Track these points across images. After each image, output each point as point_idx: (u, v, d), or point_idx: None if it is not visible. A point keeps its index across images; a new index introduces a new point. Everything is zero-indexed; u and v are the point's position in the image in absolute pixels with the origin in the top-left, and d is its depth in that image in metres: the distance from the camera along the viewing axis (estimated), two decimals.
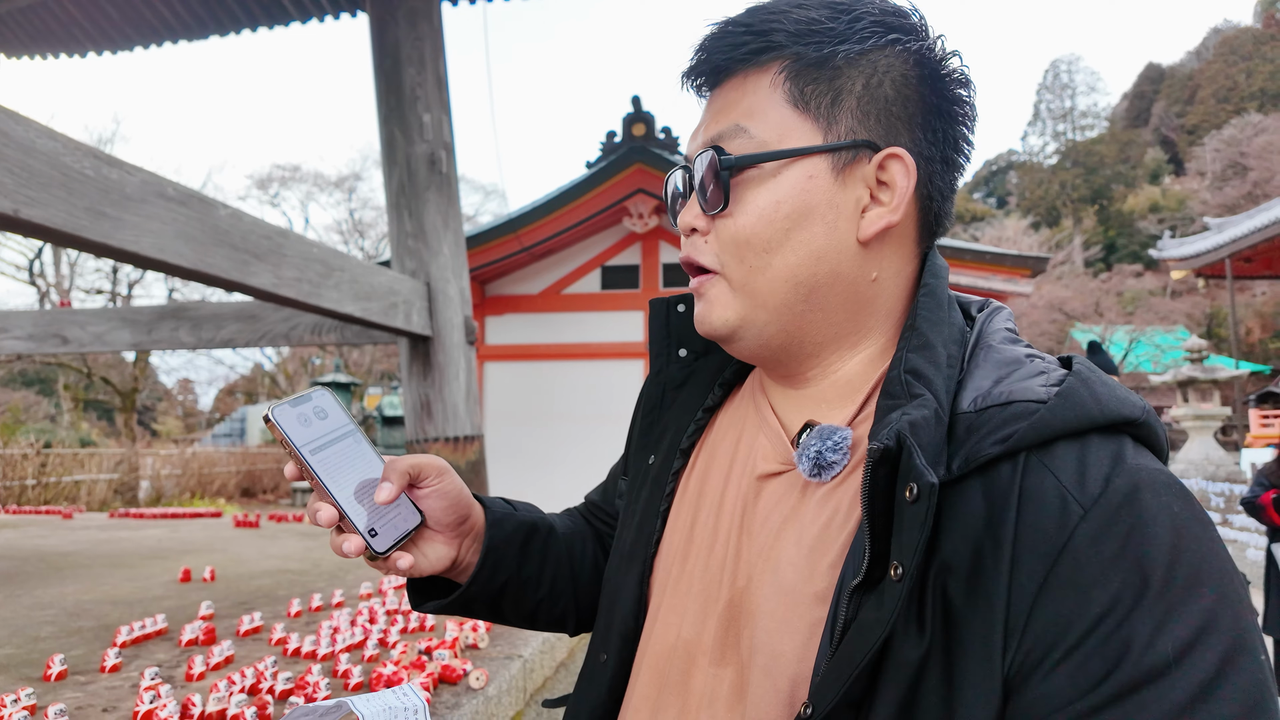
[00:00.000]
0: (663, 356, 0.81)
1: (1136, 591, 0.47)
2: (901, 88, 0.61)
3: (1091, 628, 0.47)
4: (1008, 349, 0.60)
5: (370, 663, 2.34)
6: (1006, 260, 9.50)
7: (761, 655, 0.58)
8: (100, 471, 13.68)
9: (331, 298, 3.59)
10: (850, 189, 0.61)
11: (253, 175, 39.74)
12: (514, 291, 10.36)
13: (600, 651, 0.76)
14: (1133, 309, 32.98)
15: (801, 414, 0.67)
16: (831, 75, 0.61)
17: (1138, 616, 0.46)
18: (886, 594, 0.49)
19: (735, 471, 0.69)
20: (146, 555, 4.41)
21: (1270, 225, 16.92)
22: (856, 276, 0.63)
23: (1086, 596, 0.47)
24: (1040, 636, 0.48)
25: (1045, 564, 0.49)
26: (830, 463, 0.60)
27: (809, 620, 0.56)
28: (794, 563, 0.59)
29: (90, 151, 2.35)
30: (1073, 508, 0.49)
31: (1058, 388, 0.54)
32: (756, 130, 0.61)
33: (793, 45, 0.61)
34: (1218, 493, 10.85)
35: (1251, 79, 52.06)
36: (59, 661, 2.16)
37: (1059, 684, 0.47)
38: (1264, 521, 4.12)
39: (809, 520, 0.60)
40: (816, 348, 0.65)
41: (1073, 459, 0.51)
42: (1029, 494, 0.51)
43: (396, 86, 4.62)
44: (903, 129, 0.62)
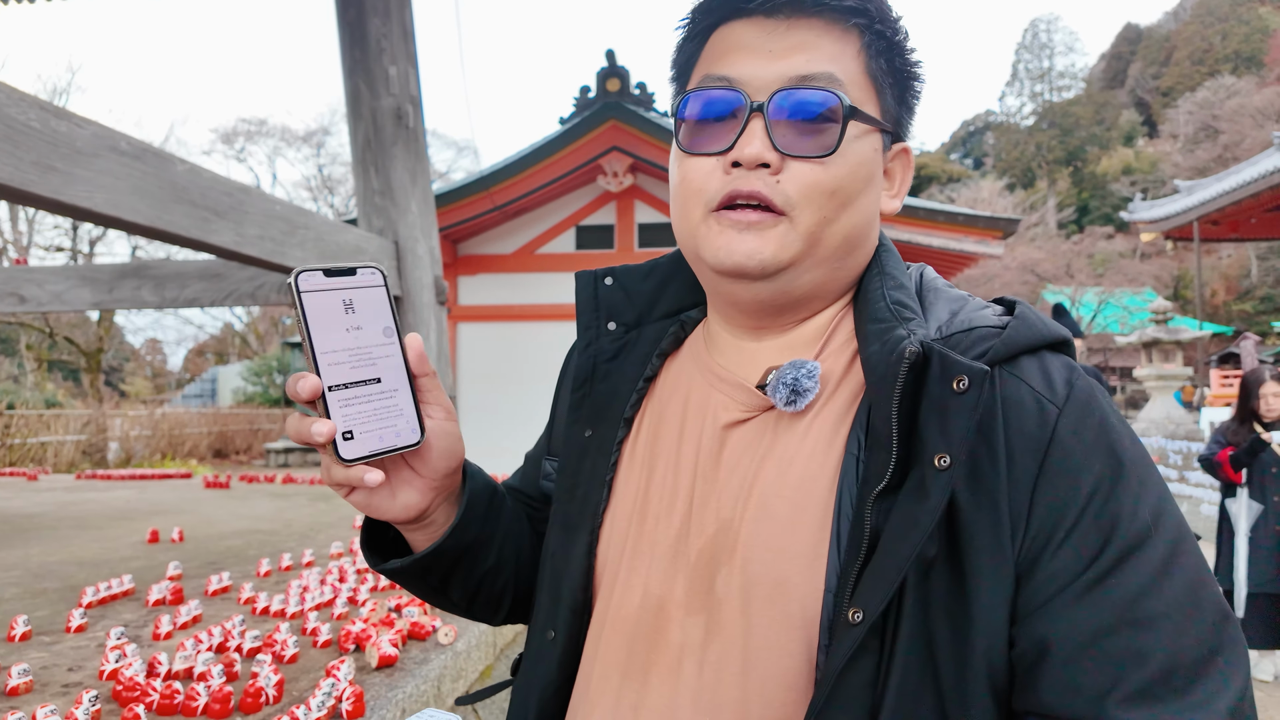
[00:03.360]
0: (592, 329, 0.80)
1: (1115, 472, 0.56)
2: (918, 85, 0.69)
3: (1085, 506, 0.55)
4: (950, 290, 0.68)
5: (339, 620, 2.36)
6: (979, 222, 9.56)
7: (762, 586, 0.60)
8: (67, 433, 13.47)
9: (296, 256, 3.52)
10: (883, 167, 0.68)
11: (217, 129, 38.64)
12: (487, 251, 10.25)
13: (547, 629, 0.74)
14: (1103, 271, 33.42)
15: (757, 365, 0.69)
16: (892, 60, 0.66)
17: (1120, 493, 0.55)
18: (932, 486, 0.54)
19: (689, 429, 0.71)
20: (114, 516, 4.37)
21: (1237, 189, 17.14)
22: (870, 243, 0.70)
23: (1076, 480, 0.55)
24: (1043, 521, 0.55)
25: (1037, 458, 0.56)
26: (805, 389, 0.63)
27: (811, 543, 0.59)
28: (782, 494, 0.62)
29: (36, 102, 2.26)
30: (1049, 408, 0.57)
31: (1010, 317, 0.62)
32: (850, 87, 0.63)
33: (876, 23, 0.64)
34: (1176, 450, 11.15)
35: (1226, 41, 52.25)
36: (23, 622, 2.15)
37: (1065, 560, 0.54)
38: (1220, 478, 4.24)
39: (791, 454, 0.63)
40: (820, 301, 0.69)
41: (1036, 369, 0.60)
42: (1009, 401, 0.58)
43: (361, 38, 4.49)
44: (908, 120, 0.70)
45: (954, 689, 0.54)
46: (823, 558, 0.59)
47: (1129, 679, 0.51)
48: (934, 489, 0.53)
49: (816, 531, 0.60)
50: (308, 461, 15.77)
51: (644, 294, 0.80)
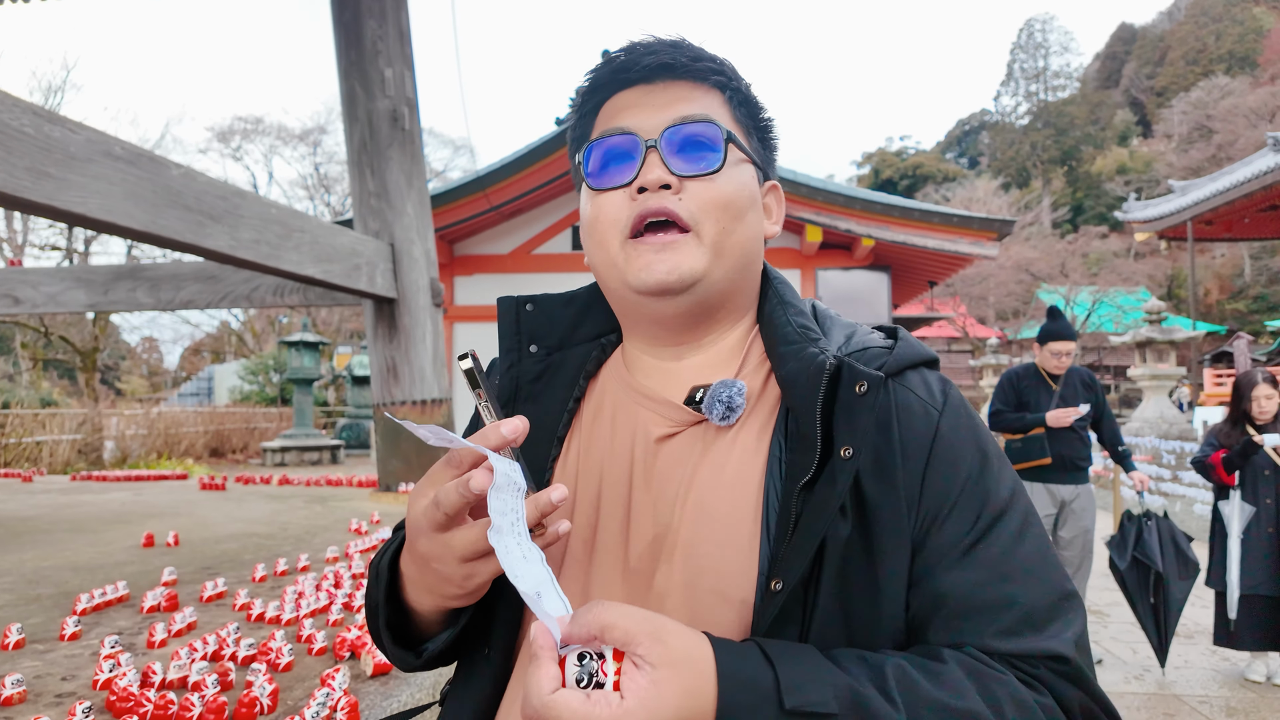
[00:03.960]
0: (514, 352, 0.84)
1: (981, 461, 0.71)
2: (772, 136, 0.82)
3: (962, 489, 0.69)
4: (841, 319, 0.80)
5: (334, 627, 2.36)
6: (973, 223, 9.58)
7: (706, 576, 0.67)
8: (63, 432, 13.43)
9: (291, 259, 3.52)
10: (761, 197, 0.80)
11: (214, 128, 38.44)
12: (483, 251, 10.24)
13: (482, 646, 0.75)
14: (1097, 270, 33.49)
15: (680, 384, 0.77)
16: (750, 111, 0.79)
17: (987, 476, 0.70)
18: (839, 473, 0.64)
19: (618, 444, 0.77)
20: (109, 520, 4.36)
21: (1231, 188, 17.19)
22: (759, 262, 0.80)
23: (955, 467, 0.69)
24: (931, 502, 0.68)
25: (925, 452, 0.69)
26: (737, 405, 0.72)
27: (746, 534, 0.68)
28: (719, 495, 0.70)
29: (30, 108, 2.25)
30: (932, 412, 0.71)
31: (894, 340, 0.76)
32: (724, 127, 0.74)
33: (733, 82, 0.77)
34: (1169, 450, 11.16)
35: (1221, 41, 52.39)
36: (16, 630, 2.14)
37: (949, 532, 0.68)
38: (1212, 480, 4.25)
39: (722, 461, 0.72)
40: (728, 312, 0.78)
41: (919, 381, 0.73)
42: (901, 407, 0.71)
43: (357, 39, 4.48)
44: (771, 161, 0.83)
45: (864, 644, 0.65)
46: (756, 546, 0.67)
47: (1001, 619, 0.65)
48: (840, 475, 0.64)
49: (750, 524, 0.68)
50: (304, 461, 15.74)
51: (565, 319, 0.86)
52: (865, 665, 0.60)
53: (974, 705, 0.59)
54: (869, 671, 0.59)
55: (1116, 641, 4.56)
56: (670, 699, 0.52)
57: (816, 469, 0.65)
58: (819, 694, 0.55)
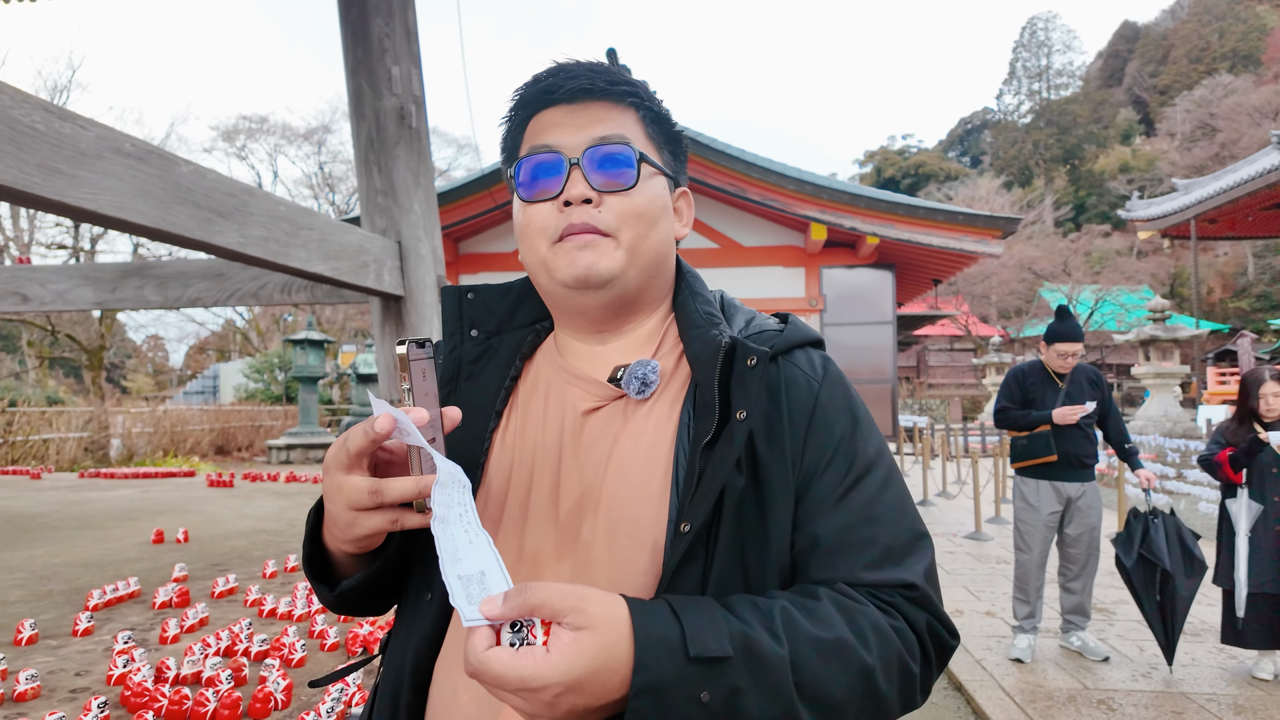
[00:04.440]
0: (456, 336, 0.94)
1: (853, 424, 0.84)
2: (682, 146, 0.92)
3: (836, 447, 0.82)
4: (744, 308, 0.93)
5: (346, 623, 2.36)
6: (978, 221, 9.56)
7: (624, 526, 0.78)
8: (69, 430, 13.46)
9: (300, 257, 3.52)
10: (672, 203, 0.90)
11: (218, 127, 38.49)
12: (488, 250, 10.24)
13: (424, 592, 0.83)
14: (1100, 269, 33.44)
15: (605, 364, 0.88)
16: (661, 127, 0.89)
17: (857, 436, 0.83)
18: (735, 433, 0.76)
19: (550, 418, 0.87)
20: (118, 516, 4.37)
21: (1234, 187, 17.15)
22: (672, 260, 0.92)
23: (831, 430, 0.82)
24: (812, 457, 0.81)
25: (806, 416, 0.82)
26: (651, 382, 0.83)
27: (658, 489, 0.79)
28: (635, 458, 0.80)
29: (40, 104, 2.26)
30: (813, 383, 0.84)
31: (784, 325, 0.89)
32: (637, 144, 0.84)
33: (646, 101, 0.87)
34: (1174, 448, 11.15)
35: (1224, 39, 52.25)
36: (29, 626, 2.15)
37: (826, 482, 0.80)
38: (1219, 478, 4.23)
39: (638, 430, 0.82)
40: (644, 304, 0.90)
41: (804, 359, 0.86)
42: (788, 380, 0.83)
43: (364, 37, 4.48)
44: (681, 170, 0.93)
45: (757, 581, 0.76)
46: (666, 498, 0.78)
47: (867, 555, 0.78)
48: (737, 434, 0.76)
49: (661, 480, 0.79)
50: (309, 459, 15.76)
51: (503, 307, 0.96)
52: (756, 610, 0.70)
53: (842, 633, 0.71)
54: (759, 615, 0.69)
55: (1123, 640, 4.55)
56: (588, 652, 0.60)
57: (716, 430, 0.76)
58: (717, 641, 0.65)
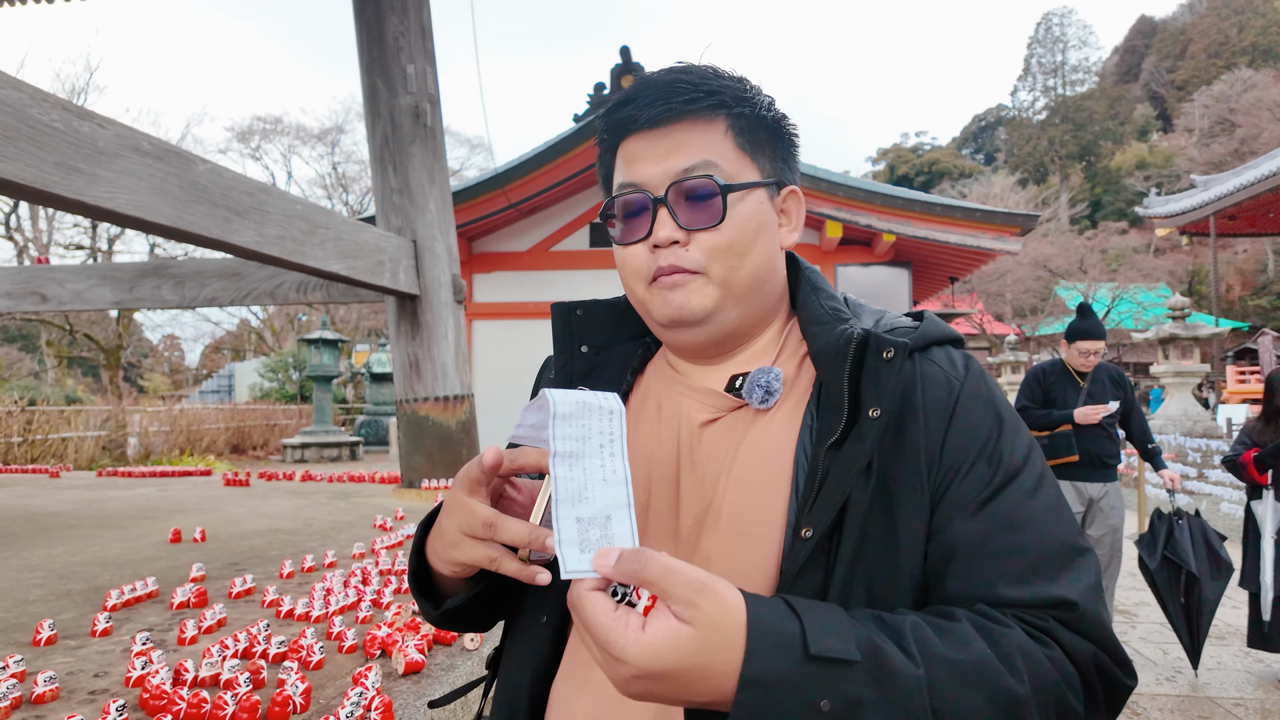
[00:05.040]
0: (566, 353, 0.94)
1: (998, 426, 0.77)
2: (783, 137, 0.85)
3: (980, 451, 0.75)
4: (869, 305, 0.88)
5: (364, 624, 2.35)
6: (996, 218, 9.47)
7: (742, 538, 0.75)
8: (87, 429, 13.58)
9: (316, 256, 3.52)
10: (774, 212, 0.85)
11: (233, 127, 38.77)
12: (502, 249, 10.24)
13: (539, 614, 0.82)
14: (1116, 266, 33.08)
15: (720, 377, 0.86)
16: (759, 130, 0.83)
17: (1002, 440, 0.76)
18: (867, 431, 0.71)
19: (665, 431, 0.85)
20: (136, 515, 4.39)
21: (1256, 183, 16.90)
22: (779, 273, 0.87)
23: (973, 432, 0.76)
24: (950, 462, 0.75)
25: (945, 417, 0.76)
26: (775, 390, 0.80)
27: (780, 499, 0.75)
28: (755, 469, 0.77)
29: (59, 103, 2.25)
30: (954, 381, 0.78)
31: (919, 321, 0.83)
32: (724, 166, 0.79)
33: (735, 106, 0.81)
34: (1195, 448, 11.00)
35: (1243, 33, 51.59)
36: (48, 626, 2.15)
37: (966, 488, 0.73)
38: (1244, 479, 4.16)
39: (758, 440, 0.79)
40: (751, 328, 0.85)
41: (943, 356, 0.81)
42: (926, 377, 0.78)
43: (379, 36, 4.47)
44: (786, 168, 0.86)
45: (883, 594, 0.70)
46: (785, 504, 0.74)
47: (1011, 568, 0.70)
48: (868, 434, 0.71)
49: (782, 487, 0.75)
50: (324, 457, 15.84)
51: (610, 322, 0.95)
52: (883, 624, 0.65)
53: (984, 655, 0.63)
54: (886, 629, 0.64)
55: (1145, 642, 4.48)
56: (682, 649, 0.56)
57: (844, 430, 0.72)
58: (842, 643, 0.60)
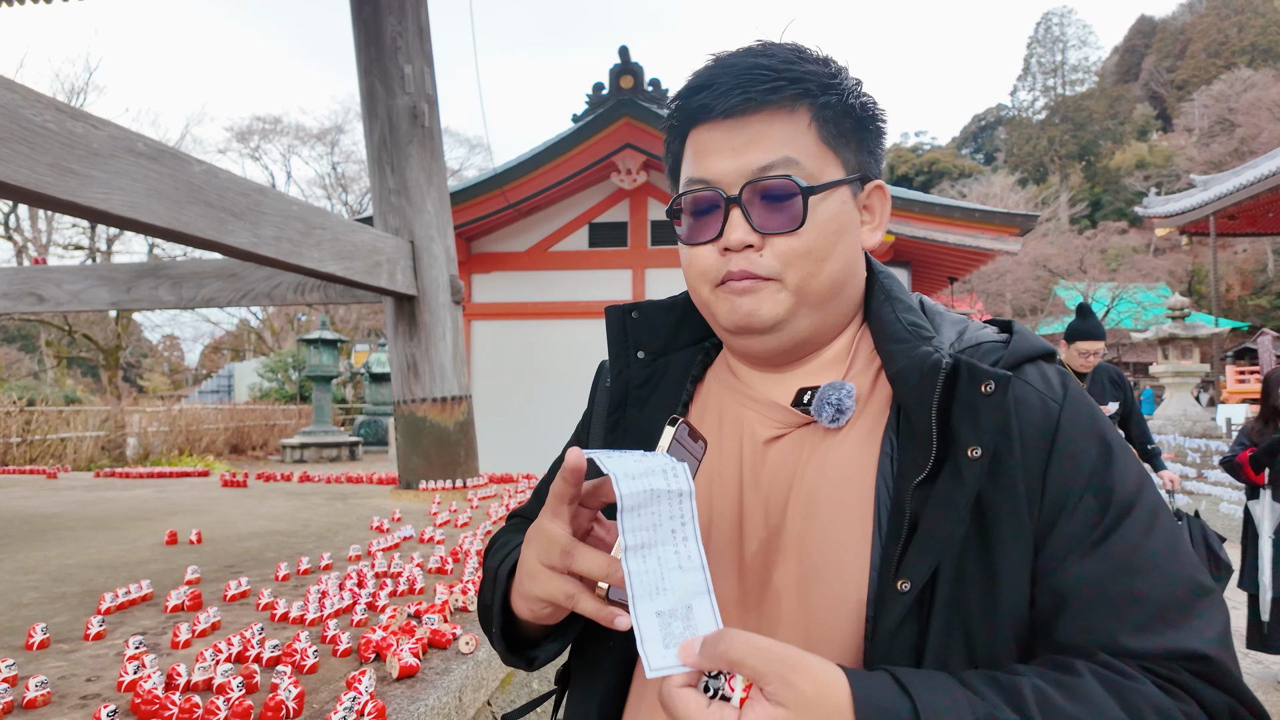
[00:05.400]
0: (622, 359, 0.88)
1: (1104, 454, 0.68)
2: (870, 127, 0.77)
3: (1087, 483, 0.67)
4: (951, 314, 0.80)
5: (359, 627, 2.34)
6: (995, 218, 9.45)
7: (820, 576, 0.68)
8: (86, 429, 13.57)
9: (313, 257, 3.50)
10: (857, 210, 0.77)
11: (232, 128, 38.78)
12: (500, 249, 10.23)
13: (605, 639, 0.78)
14: (1116, 266, 33.07)
15: (786, 389, 0.79)
16: (845, 120, 0.75)
17: (1111, 470, 0.68)
18: (966, 473, 0.64)
19: (727, 445, 0.79)
20: (132, 517, 4.38)
21: (1256, 182, 16.90)
22: (858, 277, 0.79)
23: (1078, 460, 0.68)
24: (1054, 496, 0.67)
25: (1046, 444, 0.68)
26: (847, 408, 0.73)
27: (858, 533, 0.68)
28: (828, 496, 0.70)
29: (52, 104, 2.24)
30: (1051, 404, 0.70)
31: (1008, 334, 0.75)
32: (805, 163, 0.72)
33: (821, 95, 0.73)
34: (1194, 448, 11.00)
35: (1243, 33, 51.58)
36: (40, 630, 2.13)
37: (1075, 526, 0.66)
38: (1241, 479, 4.17)
39: (830, 463, 0.72)
40: (823, 337, 0.78)
41: (1037, 375, 0.72)
42: (1020, 401, 0.69)
43: (376, 36, 4.46)
44: (871, 161, 0.78)
45: (984, 644, 0.64)
46: (868, 543, 0.67)
47: (1132, 616, 0.62)
48: (968, 475, 0.64)
49: (862, 523, 0.68)
50: (323, 458, 15.83)
51: (668, 326, 0.88)
52: (999, 688, 0.58)
53: (1112, 714, 0.57)
54: (1004, 694, 0.58)
55: None
56: None
57: (932, 467, 0.65)
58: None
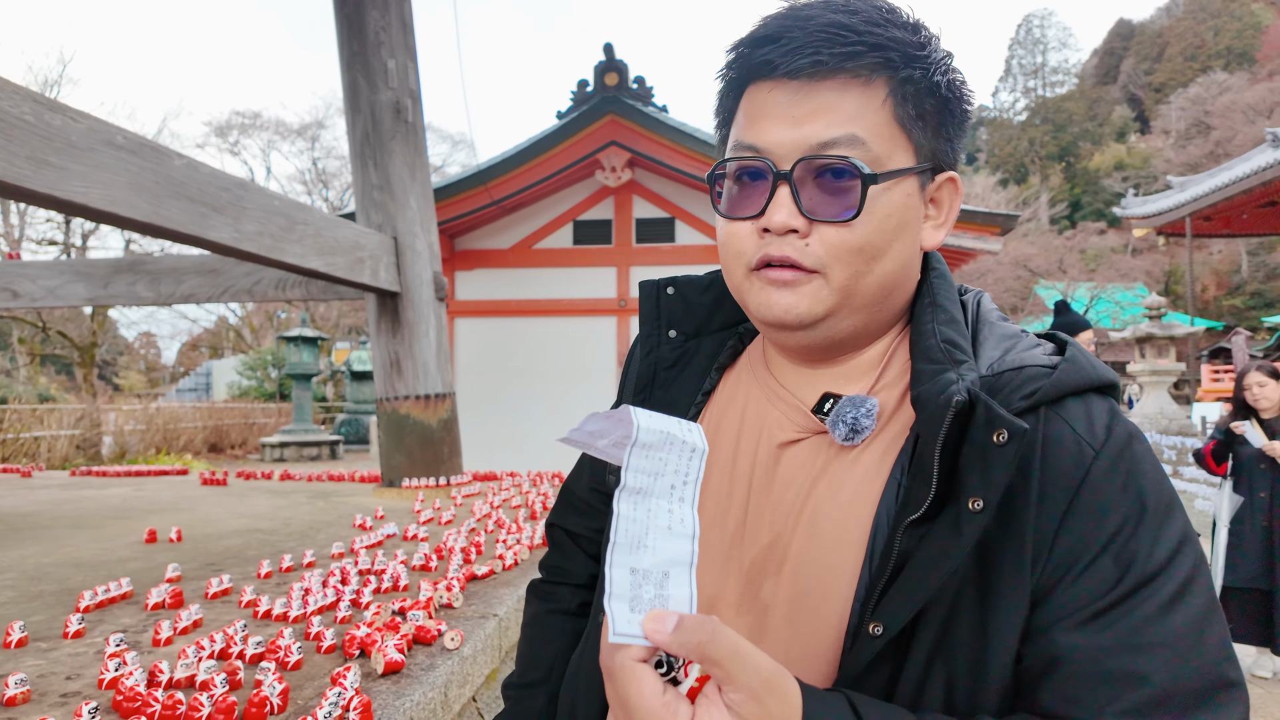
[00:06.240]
0: (654, 337, 0.83)
1: (1138, 515, 0.60)
2: (953, 110, 0.68)
3: (1106, 544, 0.59)
4: (1004, 326, 0.71)
5: (343, 624, 2.32)
6: (977, 218, 9.53)
7: (810, 597, 0.65)
8: (61, 427, 13.38)
9: (295, 252, 3.48)
10: (922, 205, 0.69)
11: (211, 122, 38.35)
12: (484, 246, 10.19)
13: (599, 610, 0.78)
14: (1095, 266, 33.52)
15: (815, 389, 0.73)
16: (927, 99, 0.66)
17: (1141, 534, 0.59)
18: (965, 524, 0.57)
19: (744, 443, 0.75)
20: (110, 515, 4.32)
21: (1230, 184, 17.20)
22: (912, 279, 0.72)
23: (1101, 520, 0.59)
24: (1065, 554, 0.59)
25: (1068, 495, 0.60)
26: (863, 428, 0.67)
27: (852, 562, 0.64)
28: (830, 516, 0.66)
29: (29, 95, 2.21)
30: (1086, 450, 0.61)
31: (1060, 357, 0.66)
32: (873, 144, 0.63)
33: (905, 67, 0.64)
34: (1170, 445, 11.22)
35: (1219, 37, 52.37)
36: (18, 628, 2.11)
37: (1081, 589, 0.59)
38: (1207, 470, 4.36)
39: (841, 479, 0.67)
40: (864, 339, 0.72)
41: (1081, 412, 0.63)
42: (1050, 440, 0.61)
43: (359, 30, 4.43)
44: (948, 148, 0.69)
45: (966, 696, 0.59)
46: (855, 571, 0.63)
47: (1125, 697, 0.55)
48: (966, 529, 0.57)
49: (856, 549, 0.64)
50: (303, 456, 15.70)
51: (703, 305, 0.83)
52: None
53: None
54: None
55: None
56: None
57: (928, 509, 0.59)
58: None
